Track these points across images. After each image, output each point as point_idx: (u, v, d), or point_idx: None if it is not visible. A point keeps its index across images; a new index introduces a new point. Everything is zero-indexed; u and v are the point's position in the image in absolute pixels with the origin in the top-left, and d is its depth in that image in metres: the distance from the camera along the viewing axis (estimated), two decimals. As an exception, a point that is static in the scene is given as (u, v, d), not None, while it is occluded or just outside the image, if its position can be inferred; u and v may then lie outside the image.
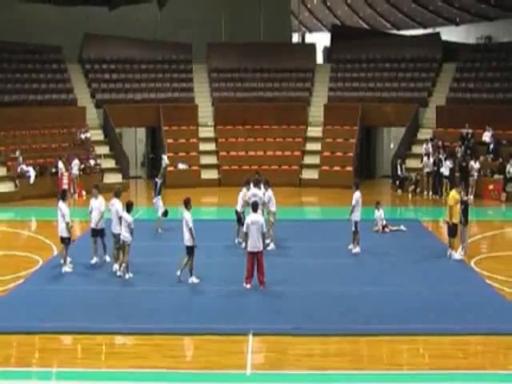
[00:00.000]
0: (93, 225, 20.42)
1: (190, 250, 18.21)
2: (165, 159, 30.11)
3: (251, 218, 18.10)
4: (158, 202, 24.71)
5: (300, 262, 20.73)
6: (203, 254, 18.43)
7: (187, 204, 18.55)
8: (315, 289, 17.91)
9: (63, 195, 20.10)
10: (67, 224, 19.41)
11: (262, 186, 22.44)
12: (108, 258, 20.38)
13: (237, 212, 22.29)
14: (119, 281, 18.65)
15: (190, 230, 18.04)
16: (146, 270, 19.43)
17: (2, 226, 27.51)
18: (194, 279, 18.26)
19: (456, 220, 21.02)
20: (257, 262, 17.86)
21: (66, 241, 19.59)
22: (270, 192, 22.37)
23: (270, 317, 15.83)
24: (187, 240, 18.21)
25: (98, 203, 20.34)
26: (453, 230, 21.11)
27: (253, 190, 22.02)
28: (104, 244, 20.44)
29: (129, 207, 18.94)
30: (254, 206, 18.58)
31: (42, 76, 40.80)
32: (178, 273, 18.28)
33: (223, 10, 48.48)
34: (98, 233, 20.37)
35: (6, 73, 39.95)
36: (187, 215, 18.22)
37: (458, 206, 21.02)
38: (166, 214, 24.37)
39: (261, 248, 18.02)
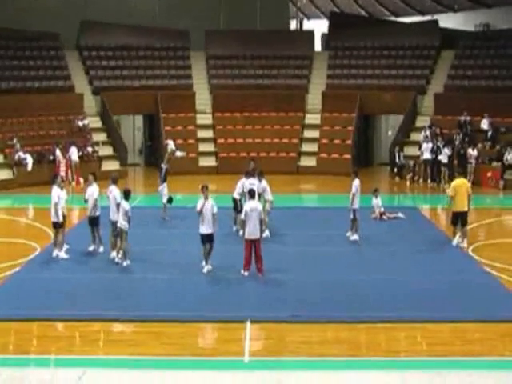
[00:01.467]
0: (88, 213, 20.39)
1: (211, 238, 18.01)
2: (171, 144, 29.65)
3: (250, 205, 18.05)
4: (164, 189, 24.61)
5: (298, 249, 20.71)
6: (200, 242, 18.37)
7: (206, 192, 18.17)
8: (313, 276, 17.90)
9: (53, 180, 20.03)
10: (55, 207, 19.29)
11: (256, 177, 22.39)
12: (102, 249, 20.17)
13: (234, 199, 22.27)
14: (117, 268, 18.63)
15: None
16: (145, 258, 19.41)
17: (0, 214, 27.48)
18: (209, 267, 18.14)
19: (463, 208, 20.92)
20: (255, 250, 17.83)
21: (55, 225, 19.55)
22: (264, 182, 22.26)
23: (267, 304, 15.83)
24: (209, 228, 17.93)
25: (91, 190, 20.18)
26: (454, 217, 21.03)
27: (250, 179, 21.91)
28: (98, 234, 20.22)
29: (127, 195, 18.86)
30: (252, 193, 18.53)
31: (39, 63, 40.67)
32: (206, 268, 18.11)
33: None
34: (91, 221, 20.24)
35: (3, 60, 39.75)
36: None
37: (462, 194, 20.89)
38: (170, 200, 24.35)
39: (258, 235, 18.00)
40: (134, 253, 19.07)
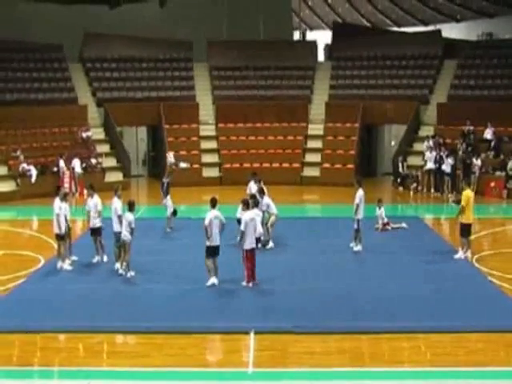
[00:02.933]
0: (90, 224, 20.48)
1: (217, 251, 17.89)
2: (170, 157, 29.15)
3: (249, 215, 18.08)
4: (168, 202, 24.66)
5: (301, 259, 20.73)
6: (203, 252, 18.33)
7: (214, 203, 18.06)
8: (316, 287, 17.89)
9: (56, 192, 20.19)
10: (57, 219, 19.41)
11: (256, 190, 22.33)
12: (106, 258, 20.36)
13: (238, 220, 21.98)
14: (121, 279, 18.66)
15: (206, 229, 17.61)
16: (148, 269, 19.42)
17: (4, 225, 27.54)
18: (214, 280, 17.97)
19: (469, 220, 20.92)
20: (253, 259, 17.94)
21: (58, 237, 19.64)
22: (266, 199, 22.30)
23: (271, 315, 15.83)
24: (219, 240, 17.83)
25: (93, 202, 20.30)
26: (464, 229, 20.98)
27: (255, 211, 19.90)
28: (101, 244, 20.40)
29: (131, 206, 18.90)
30: (247, 204, 18.61)
31: (43, 75, 40.80)
32: (211, 281, 17.97)
33: (224, 8, 48.43)
34: (93, 232, 20.38)
35: (7, 71, 39.91)
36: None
37: (471, 205, 20.89)
38: (175, 213, 24.47)
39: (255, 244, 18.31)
40: (137, 264, 19.09)
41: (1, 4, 43.31)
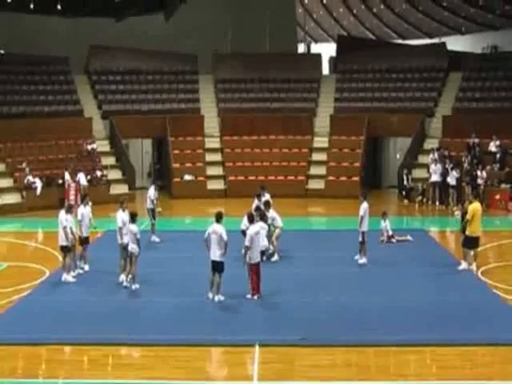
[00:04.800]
0: (84, 233, 20.78)
1: (221, 266, 17.63)
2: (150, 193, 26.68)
3: (254, 229, 18.06)
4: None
5: (306, 272, 20.68)
6: (209, 266, 18.30)
7: (218, 217, 17.86)
8: (322, 299, 17.85)
9: (61, 204, 20.32)
10: (64, 231, 19.47)
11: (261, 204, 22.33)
12: (86, 267, 20.82)
13: (243, 232, 21.94)
14: (125, 291, 18.64)
15: (226, 244, 17.46)
16: (153, 281, 19.41)
17: (9, 237, 27.56)
18: (220, 297, 17.78)
19: (476, 233, 20.81)
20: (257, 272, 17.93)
21: (64, 249, 19.70)
22: (271, 212, 22.32)
23: (276, 328, 15.78)
24: (220, 255, 17.61)
25: (87, 211, 20.88)
26: (470, 242, 20.85)
27: (260, 223, 20.23)
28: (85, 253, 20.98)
29: (133, 218, 18.90)
30: (252, 218, 18.62)
31: (48, 87, 40.97)
32: (216, 298, 17.69)
33: (229, 21, 48.60)
34: (86, 241, 20.89)
35: (13, 84, 40.13)
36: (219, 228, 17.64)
37: (479, 218, 20.83)
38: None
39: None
40: (142, 276, 19.07)
41: (7, 17, 43.54)
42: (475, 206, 20.80)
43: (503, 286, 18.92)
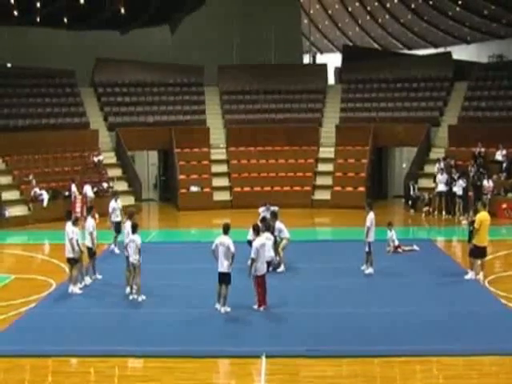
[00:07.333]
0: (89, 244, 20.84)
1: (228, 278, 17.66)
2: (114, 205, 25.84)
3: (259, 241, 18.05)
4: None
5: (313, 283, 20.66)
6: (215, 277, 18.32)
7: (226, 229, 17.79)
8: (328, 310, 17.83)
9: (68, 217, 20.32)
10: (70, 243, 19.51)
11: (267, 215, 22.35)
12: (99, 277, 21.15)
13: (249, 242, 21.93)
14: (132, 303, 18.65)
15: (233, 256, 17.46)
16: (159, 293, 19.41)
17: (16, 250, 27.62)
18: (226, 308, 17.75)
19: (483, 243, 20.73)
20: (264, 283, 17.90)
21: (71, 261, 19.74)
22: (278, 224, 22.34)
23: (282, 339, 15.76)
24: (227, 266, 17.60)
25: (92, 223, 20.96)
26: (477, 252, 20.77)
27: (266, 234, 20.41)
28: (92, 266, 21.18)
29: (134, 228, 18.95)
30: (258, 229, 18.62)
31: (54, 100, 41.15)
32: (223, 310, 17.66)
33: (234, 33, 48.76)
34: (92, 253, 21.06)
35: (20, 97, 40.30)
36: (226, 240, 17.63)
37: (487, 228, 20.77)
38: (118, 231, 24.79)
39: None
40: (148, 288, 19.08)
41: (13, 31, 43.77)
42: (483, 216, 20.74)
43: (510, 296, 18.85)
